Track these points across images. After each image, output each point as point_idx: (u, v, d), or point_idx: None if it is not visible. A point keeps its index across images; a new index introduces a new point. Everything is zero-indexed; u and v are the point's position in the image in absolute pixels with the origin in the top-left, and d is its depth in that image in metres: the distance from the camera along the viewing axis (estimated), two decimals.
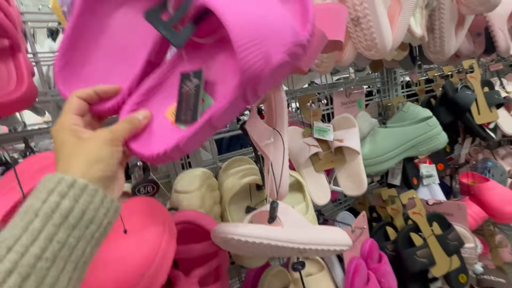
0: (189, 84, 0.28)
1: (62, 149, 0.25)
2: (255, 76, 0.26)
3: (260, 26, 0.26)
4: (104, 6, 0.31)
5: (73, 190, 0.22)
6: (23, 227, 0.20)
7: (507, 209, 0.85)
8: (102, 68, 0.31)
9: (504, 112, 0.98)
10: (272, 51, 0.26)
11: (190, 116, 0.27)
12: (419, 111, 0.75)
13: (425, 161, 0.91)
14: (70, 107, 0.27)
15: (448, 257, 0.72)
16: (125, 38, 0.32)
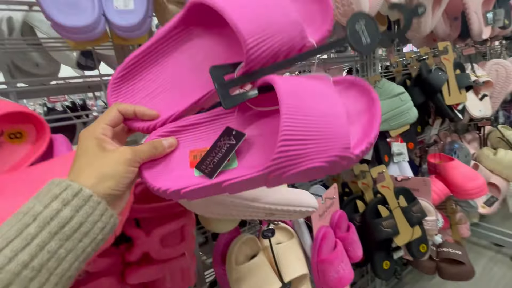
0: (226, 139, 0.28)
1: (82, 155, 0.25)
2: (285, 168, 0.25)
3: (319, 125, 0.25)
4: (182, 42, 0.32)
5: (77, 200, 0.22)
6: (19, 229, 0.20)
7: (469, 185, 0.91)
8: (152, 90, 0.32)
9: (472, 96, 1.03)
10: (313, 155, 0.25)
11: (209, 169, 0.27)
12: (393, 88, 0.76)
13: (397, 140, 0.94)
14: (107, 117, 0.27)
15: (411, 228, 0.76)
16: (186, 75, 0.32)
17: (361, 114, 0.30)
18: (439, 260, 1.02)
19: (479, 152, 1.24)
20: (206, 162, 0.27)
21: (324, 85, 0.28)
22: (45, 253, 0.20)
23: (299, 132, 0.24)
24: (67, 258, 0.21)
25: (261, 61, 0.27)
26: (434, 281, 1.35)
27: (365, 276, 1.28)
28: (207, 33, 0.33)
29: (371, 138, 0.28)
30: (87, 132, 0.26)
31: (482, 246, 1.58)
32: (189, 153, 0.29)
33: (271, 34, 0.27)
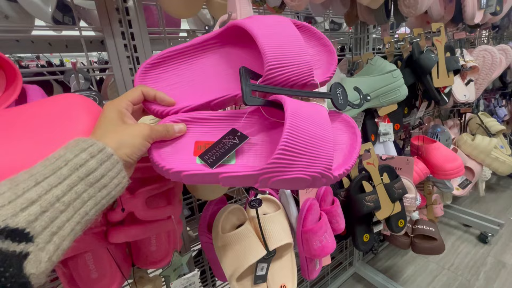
0: (231, 138, 0.32)
1: (105, 123, 0.28)
2: (276, 173, 0.29)
3: (311, 145, 0.30)
4: (213, 51, 0.38)
5: (101, 155, 0.24)
6: (53, 169, 0.22)
7: (448, 166, 0.95)
8: (175, 82, 0.36)
9: (458, 80, 1.05)
10: (301, 167, 0.30)
11: (211, 160, 0.31)
12: (386, 65, 0.76)
13: (384, 120, 0.96)
14: (131, 94, 0.31)
15: (392, 203, 0.78)
16: (208, 77, 0.37)
17: (344, 146, 0.36)
18: (413, 236, 1.09)
19: (459, 137, 1.29)
20: (210, 153, 0.31)
21: (321, 114, 0.33)
22: (73, 193, 0.22)
23: (295, 146, 0.29)
24: (88, 203, 0.23)
25: (274, 82, 0.33)
26: (406, 257, 1.45)
27: (344, 251, 1.34)
28: (236, 49, 0.38)
29: (348, 166, 0.33)
30: (112, 104, 0.29)
31: (452, 226, 1.69)
32: (194, 143, 0.33)
33: (287, 64, 0.33)
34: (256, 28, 0.33)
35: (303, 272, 0.76)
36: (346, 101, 0.39)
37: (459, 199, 1.90)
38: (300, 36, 0.35)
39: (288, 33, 0.35)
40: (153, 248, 0.42)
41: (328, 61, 0.39)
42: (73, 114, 0.28)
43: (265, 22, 0.34)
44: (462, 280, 1.28)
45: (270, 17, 0.36)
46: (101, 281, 0.38)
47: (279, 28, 0.35)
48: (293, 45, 0.34)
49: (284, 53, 0.33)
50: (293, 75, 0.34)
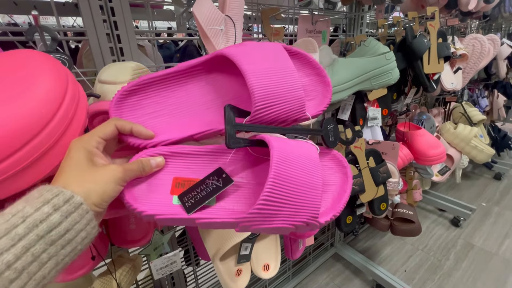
0: (215, 180, 0.30)
1: (71, 165, 0.25)
2: (257, 222, 0.27)
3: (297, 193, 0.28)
4: (198, 79, 0.35)
5: (67, 206, 0.22)
6: (6, 229, 0.19)
7: (431, 152, 0.97)
8: (154, 111, 0.33)
9: (447, 68, 1.05)
10: (285, 217, 0.28)
11: (190, 204, 0.28)
12: (379, 47, 0.74)
13: (373, 105, 0.95)
14: (103, 130, 0.27)
15: (376, 187, 0.80)
16: (192, 108, 0.34)
17: (334, 187, 0.34)
18: (393, 219, 1.13)
19: (442, 125, 1.32)
20: (189, 195, 0.29)
21: (311, 155, 0.31)
22: (29, 255, 0.20)
23: (279, 196, 0.27)
24: (47, 264, 0.21)
25: (263, 120, 0.31)
26: (384, 238, 1.52)
27: (326, 232, 1.38)
28: (222, 76, 0.36)
29: (336, 212, 0.31)
30: (79, 142, 0.26)
31: (428, 210, 1.78)
32: (172, 179, 0.30)
33: (277, 103, 0.31)
34: (245, 63, 0.30)
35: (287, 252, 0.77)
36: (337, 138, 0.37)
37: (436, 185, 1.98)
38: (293, 68, 0.33)
39: (280, 66, 0.32)
40: (132, 227, 0.40)
41: (323, 93, 0.37)
42: (34, 70, 0.24)
43: (255, 53, 0.32)
44: (434, 260, 1.36)
45: (261, 45, 0.34)
46: (75, 261, 0.35)
47: (271, 60, 0.32)
48: (284, 80, 0.32)
49: (274, 92, 0.31)
50: (283, 113, 0.32)
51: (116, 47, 0.52)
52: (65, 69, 0.26)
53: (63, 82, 0.25)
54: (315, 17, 0.79)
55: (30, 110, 0.22)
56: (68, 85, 0.26)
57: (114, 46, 0.52)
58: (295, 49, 0.37)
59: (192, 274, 0.83)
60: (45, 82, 0.24)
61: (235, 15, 0.40)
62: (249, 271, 0.64)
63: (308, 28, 0.79)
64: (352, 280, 1.27)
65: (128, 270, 0.43)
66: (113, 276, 0.40)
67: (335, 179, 0.35)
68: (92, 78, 0.53)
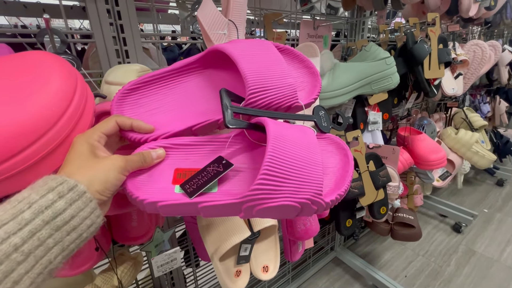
0: (215, 166, 0.30)
1: (74, 157, 0.26)
2: (260, 201, 0.27)
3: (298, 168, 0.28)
4: (194, 75, 0.37)
5: (71, 194, 0.22)
6: (13, 214, 0.20)
7: (431, 157, 0.97)
8: (154, 107, 0.34)
9: (448, 73, 1.06)
10: (288, 193, 0.28)
11: (191, 189, 0.29)
12: (380, 52, 0.75)
13: (374, 109, 0.96)
14: (105, 126, 0.28)
15: (376, 190, 0.80)
16: (190, 102, 0.35)
17: (336, 169, 0.34)
18: (393, 223, 1.13)
19: (443, 130, 1.33)
20: (191, 182, 0.29)
21: (309, 136, 0.32)
22: (35, 239, 0.20)
23: (280, 170, 0.27)
24: (53, 250, 0.21)
25: (257, 106, 0.32)
26: (385, 243, 1.51)
27: (326, 236, 1.38)
28: (217, 72, 0.37)
29: (341, 191, 0.31)
30: (82, 136, 0.27)
31: (430, 216, 1.77)
32: (174, 170, 0.31)
33: (269, 88, 0.32)
34: (237, 53, 0.32)
35: (286, 254, 0.77)
36: (330, 123, 0.38)
37: (437, 191, 1.98)
38: (283, 59, 0.34)
39: (270, 56, 0.34)
40: (134, 224, 0.41)
41: (312, 83, 0.38)
42: (46, 71, 0.25)
43: (247, 46, 0.33)
44: (435, 266, 1.35)
45: (251, 41, 0.35)
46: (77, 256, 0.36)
47: (261, 51, 0.34)
48: (275, 68, 0.33)
49: (266, 77, 0.32)
50: (276, 98, 0.33)
51: (122, 49, 0.53)
52: (74, 70, 0.28)
53: (73, 82, 0.26)
54: (317, 22, 0.80)
55: (42, 108, 0.24)
56: (77, 85, 0.27)
57: (120, 48, 0.53)
58: (282, 45, 0.38)
59: (192, 275, 0.83)
60: (56, 82, 0.25)
61: (237, 19, 0.41)
62: (249, 272, 0.64)
63: (309, 33, 0.81)
64: (352, 285, 1.26)
65: (130, 267, 0.43)
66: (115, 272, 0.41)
67: (335, 161, 0.35)
68: (97, 79, 0.54)
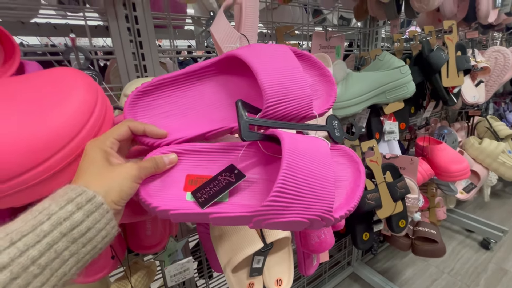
0: (227, 175, 0.30)
1: (88, 164, 0.26)
2: (270, 216, 0.27)
3: (310, 186, 0.28)
4: (209, 79, 0.36)
5: (89, 205, 0.23)
6: (33, 225, 0.20)
7: (453, 168, 0.93)
8: (167, 110, 0.34)
9: (468, 81, 1.02)
10: (298, 210, 0.28)
11: (203, 199, 0.29)
12: (394, 61, 0.74)
13: (390, 119, 0.94)
14: (117, 131, 0.28)
15: (394, 203, 0.77)
16: (204, 107, 0.35)
17: (347, 183, 0.34)
18: (414, 238, 1.07)
19: (466, 140, 1.27)
20: (202, 191, 0.29)
21: (322, 150, 0.32)
22: (52, 252, 0.20)
23: (292, 187, 0.27)
24: (69, 262, 0.21)
25: (273, 117, 0.32)
26: (406, 259, 1.43)
27: (342, 250, 1.33)
28: (233, 77, 0.37)
29: (351, 207, 0.31)
30: (95, 142, 0.27)
31: (454, 230, 1.67)
32: (185, 177, 0.31)
33: (287, 100, 0.32)
34: (256, 62, 0.32)
35: (300, 267, 0.75)
36: (343, 133, 0.38)
37: (462, 204, 1.87)
38: (300, 67, 0.34)
39: (288, 65, 0.33)
40: (148, 233, 0.42)
41: (328, 92, 0.38)
42: (69, 84, 0.27)
43: (264, 53, 0.33)
44: (462, 286, 1.26)
45: (269, 46, 0.35)
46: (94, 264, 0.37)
47: (279, 60, 0.33)
48: (293, 78, 0.33)
49: (284, 89, 0.32)
50: (293, 109, 0.33)
51: (140, 64, 0.56)
52: (96, 84, 0.29)
53: (94, 95, 0.28)
54: (329, 33, 0.81)
55: (64, 120, 0.25)
56: (98, 98, 0.28)
57: (139, 63, 0.56)
58: (300, 51, 0.38)
59: (204, 287, 0.83)
60: (78, 95, 0.27)
61: (249, 33, 0.42)
62: (261, 285, 0.63)
63: (322, 44, 0.81)
64: None
65: (143, 276, 0.44)
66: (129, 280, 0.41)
67: (347, 174, 0.35)
68: (117, 92, 0.57)
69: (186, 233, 0.68)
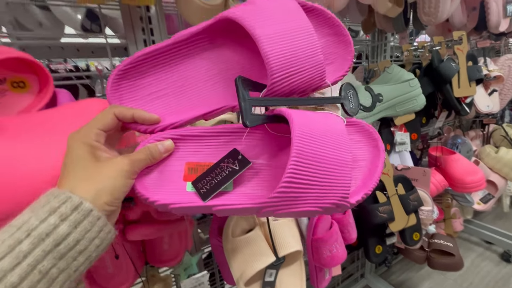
0: (230, 163, 0.27)
1: (75, 164, 0.23)
2: (280, 206, 0.25)
3: (324, 172, 0.25)
4: (202, 49, 0.30)
5: (76, 214, 0.20)
6: (10, 246, 0.18)
7: (468, 179, 0.91)
8: (157, 90, 0.29)
9: (481, 90, 1.01)
10: (311, 199, 0.25)
11: (205, 190, 0.26)
12: (403, 74, 0.75)
13: (401, 129, 0.93)
14: (101, 121, 0.24)
15: (407, 215, 0.76)
16: (199, 83, 0.30)
17: (364, 163, 0.30)
18: (430, 250, 1.04)
19: (481, 149, 1.24)
20: (204, 181, 0.26)
21: (338, 128, 0.28)
22: (36, 273, 0.18)
23: (304, 176, 0.24)
24: (59, 279, 0.19)
25: (280, 93, 0.28)
26: (421, 272, 1.39)
27: (355, 262, 1.31)
28: (230, 46, 0.31)
29: (368, 190, 0.28)
30: (77, 136, 0.23)
31: (473, 242, 1.61)
32: (185, 165, 0.28)
33: (295, 72, 0.27)
34: (256, 27, 0.26)
35: (312, 281, 0.75)
36: (358, 105, 0.32)
37: (481, 214, 1.80)
38: (311, 28, 0.28)
39: (296, 26, 0.27)
40: (165, 247, 0.44)
41: (343, 55, 0.32)
42: (93, 114, 0.30)
43: (267, 13, 0.27)
44: None
45: (272, 1, 0.29)
46: (116, 276, 0.39)
47: (287, 20, 0.27)
48: (303, 43, 0.27)
49: (292, 59, 0.27)
50: (302, 83, 0.28)
51: None
52: None
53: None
54: None
55: None
56: None
57: None
58: (311, 5, 0.32)
59: None
60: None
61: None
62: None
63: None
64: None
65: None
66: None
67: (364, 153, 0.31)
68: None
69: (199, 245, 0.70)
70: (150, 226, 0.39)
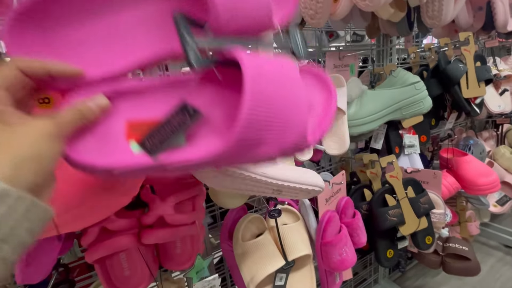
0: (180, 116, 0.24)
1: None
2: (237, 154, 0.23)
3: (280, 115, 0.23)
4: None
5: None
6: None
7: (480, 181, 0.89)
8: (75, 31, 0.23)
9: (492, 90, 1.00)
10: (269, 143, 0.24)
11: (153, 148, 0.23)
12: (409, 77, 0.75)
13: (409, 132, 0.93)
14: (4, 79, 0.19)
15: (417, 219, 0.76)
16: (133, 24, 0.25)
17: (317, 104, 0.29)
18: (444, 255, 1.02)
19: (495, 150, 1.21)
20: (151, 139, 0.23)
21: (290, 68, 0.26)
22: None
23: (259, 117, 0.22)
24: None
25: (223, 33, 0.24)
26: (438, 277, 1.35)
27: (368, 267, 1.29)
28: None
29: (323, 130, 0.27)
30: None
31: (491, 246, 1.55)
32: (125, 124, 0.24)
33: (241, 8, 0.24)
34: None
35: (323, 285, 0.75)
36: (306, 47, 0.31)
37: (499, 217, 1.74)
38: None
39: None
40: (178, 251, 0.45)
41: None
42: None
43: None
44: None
45: None
46: (132, 278, 0.42)
47: None
48: None
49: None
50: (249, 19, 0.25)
51: None
52: None
53: None
54: (342, 52, 0.83)
55: None
56: None
57: None
58: None
59: None
60: None
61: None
62: None
63: (335, 63, 0.84)
64: None
65: None
66: None
67: (316, 95, 0.30)
68: None
69: (210, 250, 0.71)
70: (165, 230, 0.41)
